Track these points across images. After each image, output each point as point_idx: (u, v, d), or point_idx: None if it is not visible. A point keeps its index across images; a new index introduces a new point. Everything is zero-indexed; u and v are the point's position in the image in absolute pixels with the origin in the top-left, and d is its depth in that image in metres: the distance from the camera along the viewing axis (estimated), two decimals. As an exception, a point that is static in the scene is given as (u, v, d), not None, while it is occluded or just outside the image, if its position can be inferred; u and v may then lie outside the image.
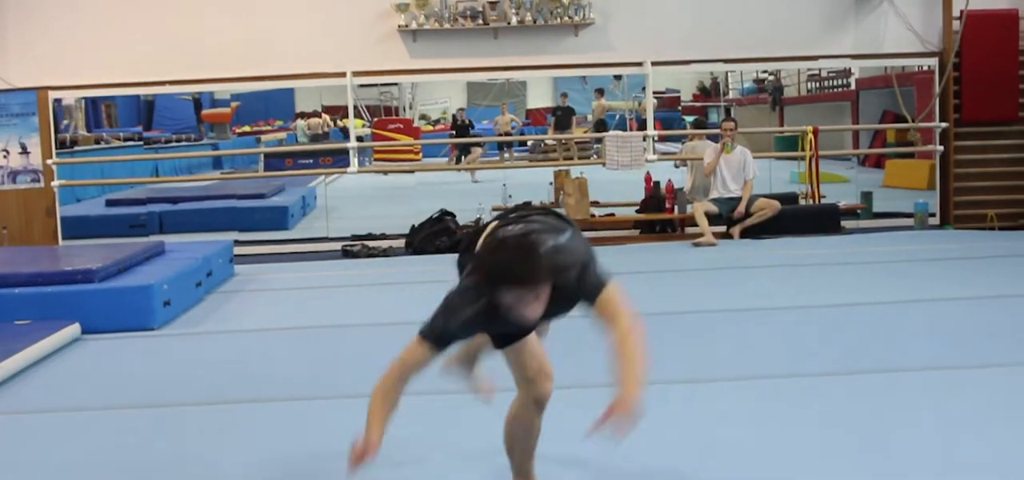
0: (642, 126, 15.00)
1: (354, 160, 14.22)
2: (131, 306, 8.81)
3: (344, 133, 18.48)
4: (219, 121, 25.67)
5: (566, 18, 13.77)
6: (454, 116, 24.53)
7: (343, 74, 13.84)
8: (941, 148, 14.51)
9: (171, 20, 13.62)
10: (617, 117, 20.77)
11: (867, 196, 14.87)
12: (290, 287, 10.95)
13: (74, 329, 8.44)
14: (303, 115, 26.27)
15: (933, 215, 14.51)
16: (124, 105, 22.96)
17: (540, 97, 30.02)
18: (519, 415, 4.91)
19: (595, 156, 15.75)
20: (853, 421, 5.71)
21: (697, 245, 12.72)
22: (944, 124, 14.42)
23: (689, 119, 25.68)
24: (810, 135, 14.19)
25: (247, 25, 13.66)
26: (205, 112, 25.65)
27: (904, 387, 6.38)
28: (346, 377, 6.98)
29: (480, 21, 13.76)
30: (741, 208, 13.26)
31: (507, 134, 22.68)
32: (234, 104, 25.49)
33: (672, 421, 5.72)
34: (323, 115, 26.03)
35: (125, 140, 22.92)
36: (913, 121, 15.21)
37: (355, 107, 15.16)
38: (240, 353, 8.02)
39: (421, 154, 22.35)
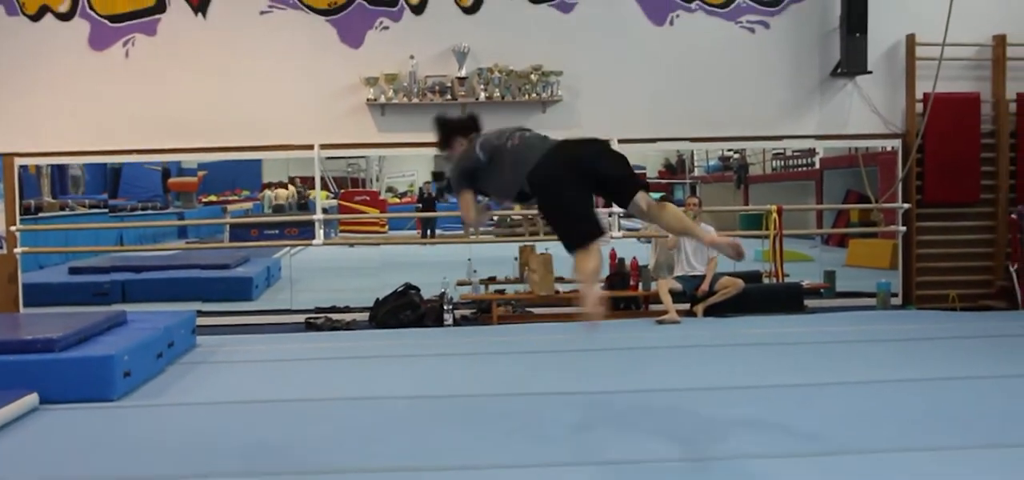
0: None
1: (319, 232, 14.21)
2: (91, 376, 8.73)
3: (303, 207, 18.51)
4: (185, 190, 25.64)
5: (534, 95, 13.86)
6: (421, 189, 24.56)
7: (311, 147, 13.85)
8: (904, 228, 14.64)
9: (140, 88, 13.62)
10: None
11: (830, 275, 14.95)
12: (252, 360, 10.89)
13: (32, 399, 8.36)
14: (269, 185, 26.27)
15: (895, 295, 14.61)
16: (91, 172, 22.92)
17: (507, 171, 29.98)
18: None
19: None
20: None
21: (661, 322, 12.74)
22: (907, 205, 14.56)
23: (655, 195, 25.79)
24: (774, 214, 14.27)
25: (216, 95, 13.69)
26: (171, 181, 25.61)
27: (871, 469, 6.39)
28: (307, 453, 6.95)
29: (448, 96, 13.82)
30: (705, 286, 13.31)
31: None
32: (201, 173, 25.47)
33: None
34: (290, 186, 26.05)
35: (90, 207, 22.86)
36: (877, 201, 15.32)
37: (322, 178, 15.15)
38: (200, 426, 7.96)
39: (387, 227, 22.35)
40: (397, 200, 28.91)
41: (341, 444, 7.21)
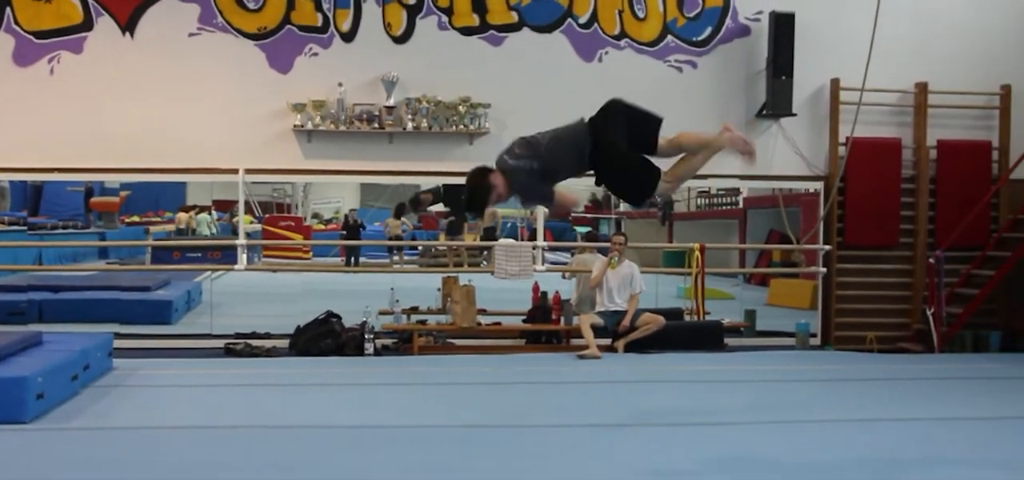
0: (533, 235, 15.03)
1: (242, 257, 14.10)
2: (2, 398, 8.56)
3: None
4: (107, 210, 25.40)
5: (462, 126, 13.86)
6: (346, 217, 24.52)
7: (236, 171, 13.75)
8: (824, 270, 14.79)
9: (65, 106, 13.42)
10: (508, 225, 20.90)
11: (751, 314, 15.07)
12: (169, 384, 10.78)
13: (-58, 420, 8.22)
14: (185, 209, 26.08)
15: (814, 336, 14.75)
16: (12, 189, 22.62)
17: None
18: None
19: (485, 263, 15.75)
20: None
21: (582, 357, 12.76)
22: (828, 246, 14.71)
23: (580, 230, 25.96)
24: (697, 252, 14.37)
25: (142, 115, 13.50)
26: (94, 200, 25.36)
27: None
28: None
29: (376, 125, 13.79)
30: (626, 322, 13.35)
31: (398, 238, 22.67)
32: (123, 193, 25.25)
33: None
34: (195, 211, 25.89)
35: (10, 224, 22.55)
36: (798, 242, 15.47)
37: (247, 203, 15.07)
38: (113, 451, 7.85)
39: (312, 253, 22.26)
40: (322, 227, 28.85)
41: (253, 472, 7.15)
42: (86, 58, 13.56)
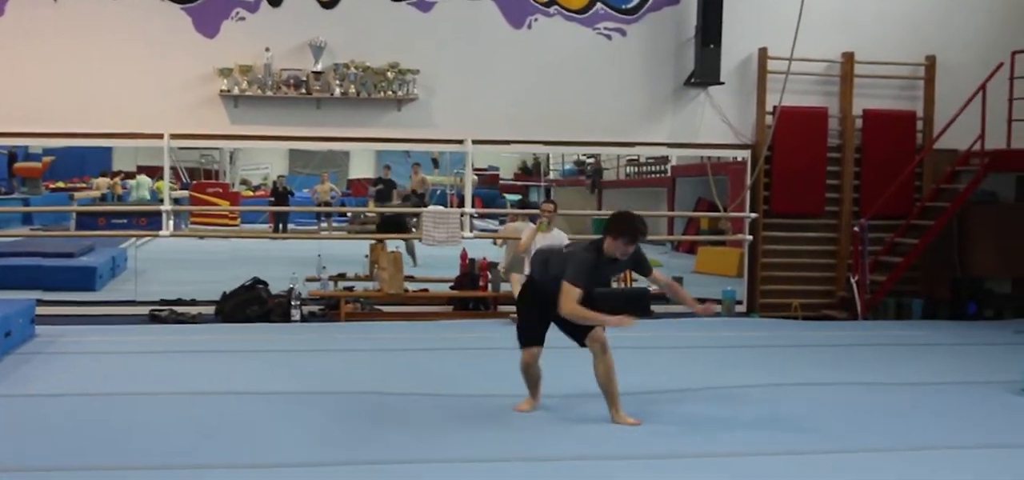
0: (462, 202, 15.00)
1: (169, 223, 13.97)
2: (-79, 365, 8.47)
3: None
4: (30, 175, 25.03)
5: (390, 92, 13.80)
6: (274, 183, 24.35)
7: (160, 136, 13.60)
8: (750, 237, 14.90)
9: (-17, 70, 13.25)
10: (438, 192, 20.87)
11: (677, 281, 15.09)
12: (93, 351, 10.65)
13: None
14: (104, 174, 25.78)
15: (740, 303, 14.86)
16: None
17: (363, 168, 30.02)
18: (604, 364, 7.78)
19: (414, 230, 15.69)
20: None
21: (513, 320, 12.77)
22: (754, 214, 14.82)
23: (510, 197, 25.97)
24: (625, 220, 14.37)
25: (66, 79, 13.33)
26: (17, 166, 24.99)
27: (705, 473, 6.49)
28: (144, 446, 6.82)
29: (303, 90, 13.69)
30: (554, 289, 13.34)
31: (327, 204, 22.57)
32: (46, 159, 24.89)
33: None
34: (114, 177, 25.62)
35: (-70, 190, 22.17)
36: (725, 210, 15.56)
37: (174, 169, 14.92)
38: (35, 418, 7.75)
39: (239, 220, 22.10)
40: (251, 193, 28.64)
41: (177, 438, 7.09)
42: (7, 21, 13.36)
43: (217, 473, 6.35)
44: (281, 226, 21.80)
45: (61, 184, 27.05)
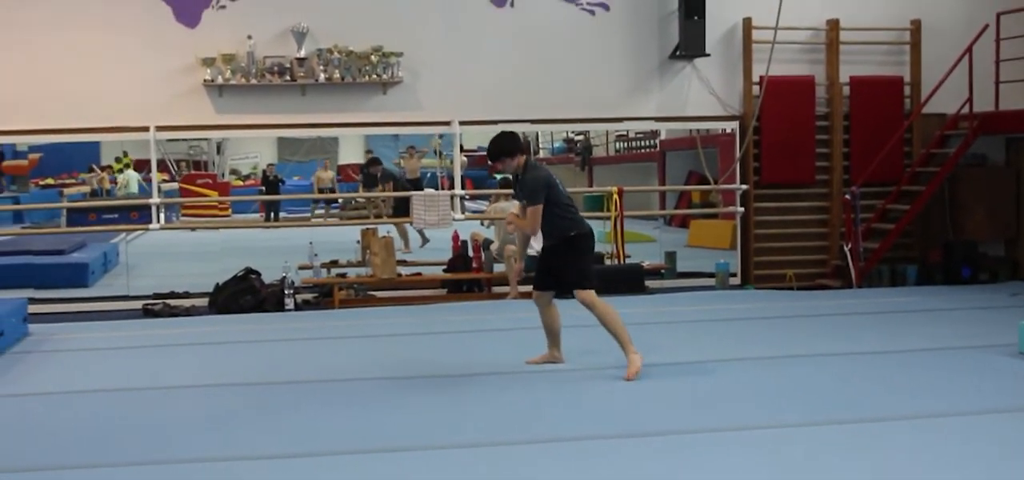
0: (453, 184, 14.97)
1: (159, 216, 13.93)
2: (-87, 368, 8.44)
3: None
4: (18, 173, 24.94)
5: (374, 76, 13.75)
6: (264, 172, 24.29)
7: (146, 129, 13.55)
8: (742, 209, 14.89)
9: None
10: (428, 175, 20.81)
11: (671, 256, 15.12)
12: (87, 348, 10.63)
13: None
14: (90, 169, 25.71)
15: (734, 275, 14.86)
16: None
17: (352, 153, 29.94)
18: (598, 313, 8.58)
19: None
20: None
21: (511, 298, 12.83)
22: (745, 186, 14.81)
23: (500, 176, 25.91)
24: (615, 195, 14.38)
25: (48, 75, 13.26)
26: (4, 164, 24.90)
27: (712, 447, 6.49)
28: (141, 443, 6.80)
29: (288, 77, 13.63)
30: (545, 267, 13.32)
31: (331, 190, 22.56)
32: (33, 156, 24.78)
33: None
34: (98, 171, 25.56)
35: (-82, 191, 22.07)
36: (716, 182, 15.54)
37: (163, 161, 14.87)
38: (30, 417, 7.72)
39: (230, 210, 22.04)
40: (241, 183, 28.55)
41: (175, 433, 7.07)
42: (-13, 15, 13.29)
43: (216, 466, 6.33)
44: (273, 215, 21.73)
45: (50, 180, 26.96)
